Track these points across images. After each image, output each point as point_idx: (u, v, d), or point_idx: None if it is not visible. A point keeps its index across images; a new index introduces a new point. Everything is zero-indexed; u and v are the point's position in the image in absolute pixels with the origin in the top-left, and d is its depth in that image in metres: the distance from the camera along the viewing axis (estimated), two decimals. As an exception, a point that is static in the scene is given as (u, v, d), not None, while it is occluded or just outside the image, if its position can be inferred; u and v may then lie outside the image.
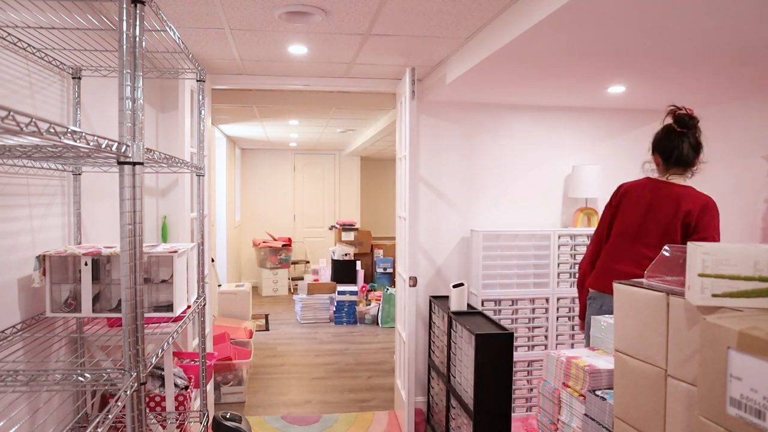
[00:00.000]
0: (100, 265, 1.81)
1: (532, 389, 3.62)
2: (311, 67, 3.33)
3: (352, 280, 6.95)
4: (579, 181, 3.72)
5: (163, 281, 1.91)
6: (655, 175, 2.50)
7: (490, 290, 3.54)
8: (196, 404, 2.70)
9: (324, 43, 2.83)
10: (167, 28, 1.74)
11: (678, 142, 2.36)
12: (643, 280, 1.58)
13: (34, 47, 1.77)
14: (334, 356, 5.19)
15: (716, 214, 2.34)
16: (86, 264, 1.74)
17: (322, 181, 9.39)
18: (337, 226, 8.07)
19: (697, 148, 2.37)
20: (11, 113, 0.76)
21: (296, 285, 7.19)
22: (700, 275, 1.21)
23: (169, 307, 1.87)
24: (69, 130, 0.96)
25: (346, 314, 6.47)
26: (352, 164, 9.45)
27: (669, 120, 2.40)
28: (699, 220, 2.32)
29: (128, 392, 1.31)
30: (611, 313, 2.41)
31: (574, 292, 3.63)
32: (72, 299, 1.80)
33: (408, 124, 3.16)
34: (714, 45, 2.25)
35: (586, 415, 2.21)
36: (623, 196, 2.52)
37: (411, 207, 3.19)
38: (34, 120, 0.82)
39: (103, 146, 1.14)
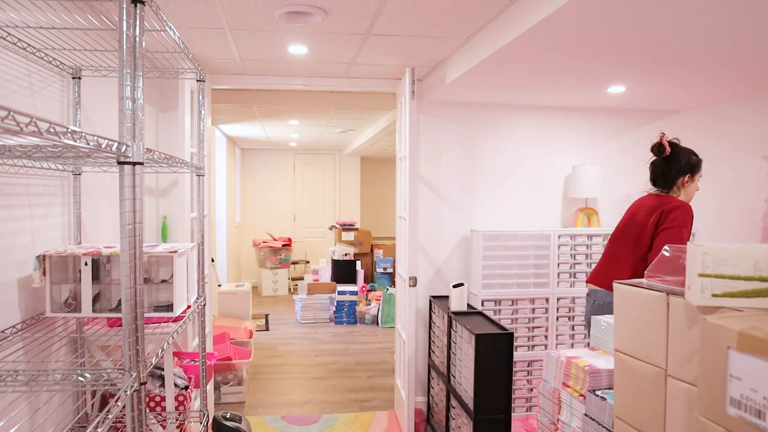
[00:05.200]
0: (100, 265, 1.81)
1: (532, 389, 3.62)
2: (311, 67, 3.33)
3: (352, 280, 6.95)
4: (579, 181, 3.71)
5: (163, 281, 1.91)
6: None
7: (490, 290, 3.54)
8: (196, 404, 2.70)
9: (324, 43, 2.83)
10: (167, 28, 1.74)
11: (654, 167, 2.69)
12: (643, 280, 1.57)
13: (34, 47, 1.77)
14: (334, 356, 5.19)
15: (685, 214, 2.53)
16: (86, 264, 1.74)
17: (322, 181, 9.39)
18: (337, 226, 8.07)
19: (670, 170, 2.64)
20: (11, 113, 0.76)
21: (296, 285, 7.19)
22: (700, 275, 1.21)
23: (169, 307, 1.87)
24: (69, 130, 0.96)
25: (346, 314, 6.47)
26: (352, 164, 9.45)
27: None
28: (669, 215, 2.53)
29: (128, 392, 1.31)
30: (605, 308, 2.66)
31: (574, 292, 3.64)
32: (72, 299, 1.80)
33: (408, 124, 3.16)
34: (714, 45, 2.25)
35: (586, 415, 2.20)
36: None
37: (411, 207, 3.19)
38: (34, 120, 0.82)
39: (103, 146, 1.14)
